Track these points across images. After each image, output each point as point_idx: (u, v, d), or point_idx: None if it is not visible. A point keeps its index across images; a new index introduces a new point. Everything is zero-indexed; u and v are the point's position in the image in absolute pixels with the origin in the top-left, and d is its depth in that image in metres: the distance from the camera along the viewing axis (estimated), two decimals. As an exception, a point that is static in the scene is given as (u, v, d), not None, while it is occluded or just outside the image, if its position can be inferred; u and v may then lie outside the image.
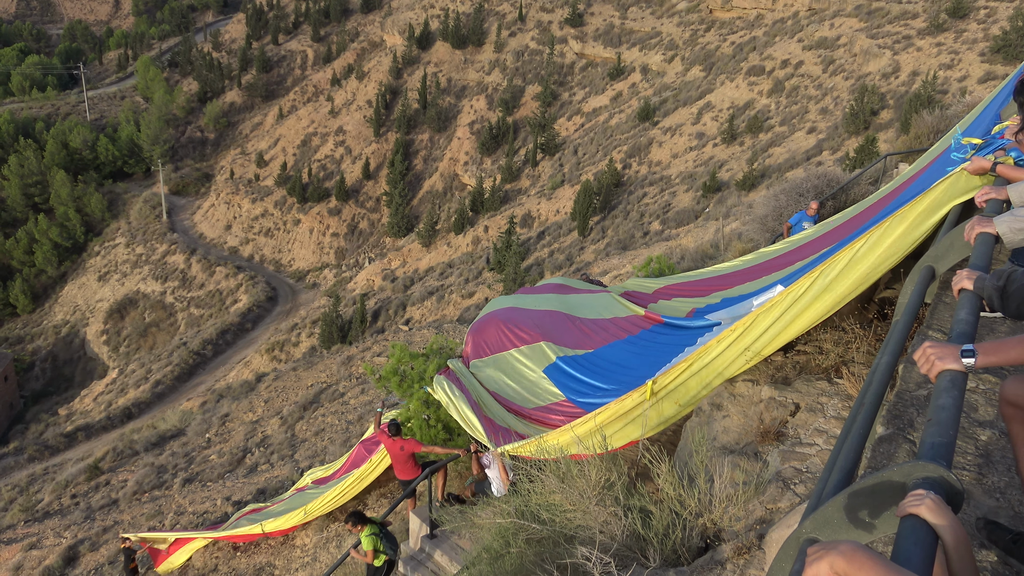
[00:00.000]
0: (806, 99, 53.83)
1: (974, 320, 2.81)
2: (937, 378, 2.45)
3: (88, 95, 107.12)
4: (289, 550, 15.70)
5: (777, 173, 44.62)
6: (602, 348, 9.66)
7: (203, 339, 57.39)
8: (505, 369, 10.54)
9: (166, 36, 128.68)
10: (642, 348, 9.24)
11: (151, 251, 77.59)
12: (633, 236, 47.74)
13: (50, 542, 23.37)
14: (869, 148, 35.29)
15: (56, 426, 49.49)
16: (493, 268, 52.61)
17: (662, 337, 9.25)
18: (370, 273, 67.50)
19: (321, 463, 21.22)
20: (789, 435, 6.13)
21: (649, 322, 9.61)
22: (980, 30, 48.68)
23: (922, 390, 3.86)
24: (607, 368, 9.40)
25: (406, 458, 12.32)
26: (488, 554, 6.21)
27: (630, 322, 9.78)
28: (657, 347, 9.10)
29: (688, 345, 8.53)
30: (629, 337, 9.48)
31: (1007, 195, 4.02)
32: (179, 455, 29.55)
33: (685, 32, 75.33)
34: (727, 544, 4.91)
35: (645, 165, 59.30)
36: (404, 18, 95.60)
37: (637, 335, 9.46)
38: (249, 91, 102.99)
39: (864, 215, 8.29)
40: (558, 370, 9.83)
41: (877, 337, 7.05)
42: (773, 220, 15.59)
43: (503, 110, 79.76)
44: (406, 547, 11.65)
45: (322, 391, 31.87)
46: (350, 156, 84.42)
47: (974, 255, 3.50)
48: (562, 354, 9.91)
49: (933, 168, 7.34)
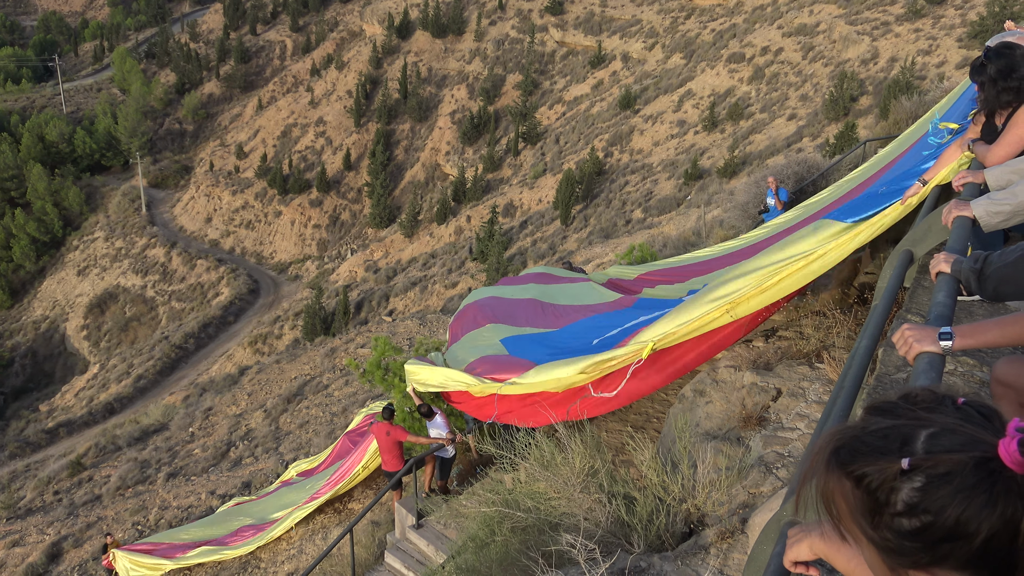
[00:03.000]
0: (786, 86, 54.05)
1: (951, 303, 2.84)
2: (915, 360, 2.47)
3: (64, 87, 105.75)
4: (275, 543, 15.68)
5: (758, 160, 44.81)
6: (569, 325, 9.64)
7: (185, 333, 57.01)
8: (470, 339, 10.51)
9: (142, 27, 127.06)
10: (613, 317, 9.22)
11: (131, 245, 76.89)
12: (615, 224, 47.84)
13: (33, 539, 23.21)
14: (849, 134, 35.52)
15: (37, 422, 49.05)
16: (476, 258, 52.57)
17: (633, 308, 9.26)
18: (352, 264, 67.26)
19: (306, 455, 21.17)
20: (771, 420, 6.18)
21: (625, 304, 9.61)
22: (957, 16, 49.00)
23: (901, 373, 3.89)
24: (570, 336, 9.32)
25: (392, 445, 12.35)
26: (474, 543, 6.22)
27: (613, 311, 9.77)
28: (630, 311, 9.09)
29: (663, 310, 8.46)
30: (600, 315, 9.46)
31: (984, 179, 4.05)
32: (162, 450, 29.39)
33: (665, 20, 75.33)
34: (711, 529, 4.95)
35: (627, 153, 59.38)
36: (383, 7, 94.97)
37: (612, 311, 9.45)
38: (228, 82, 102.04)
39: (840, 200, 8.36)
40: (516, 340, 9.74)
41: (857, 322, 7.11)
42: (754, 207, 15.66)
43: (484, 99, 79.52)
44: (392, 537, 11.66)
45: (306, 383, 31.78)
46: (331, 147, 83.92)
47: (951, 239, 3.53)
48: (524, 333, 9.85)
49: (911, 153, 7.39)
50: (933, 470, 1.03)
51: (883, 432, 1.09)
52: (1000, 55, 4.30)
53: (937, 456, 1.03)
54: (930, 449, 1.04)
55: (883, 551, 1.08)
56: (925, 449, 1.04)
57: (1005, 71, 4.28)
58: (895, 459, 1.05)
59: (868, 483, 1.08)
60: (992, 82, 4.35)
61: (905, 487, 1.04)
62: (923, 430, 1.06)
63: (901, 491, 1.04)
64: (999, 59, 4.30)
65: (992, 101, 4.42)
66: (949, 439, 1.04)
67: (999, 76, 4.30)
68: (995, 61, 4.30)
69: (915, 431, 1.07)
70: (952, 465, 1.02)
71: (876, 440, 1.09)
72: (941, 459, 1.03)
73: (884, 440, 1.08)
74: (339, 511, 15.75)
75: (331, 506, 15.81)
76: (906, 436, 1.07)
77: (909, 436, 1.06)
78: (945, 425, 1.06)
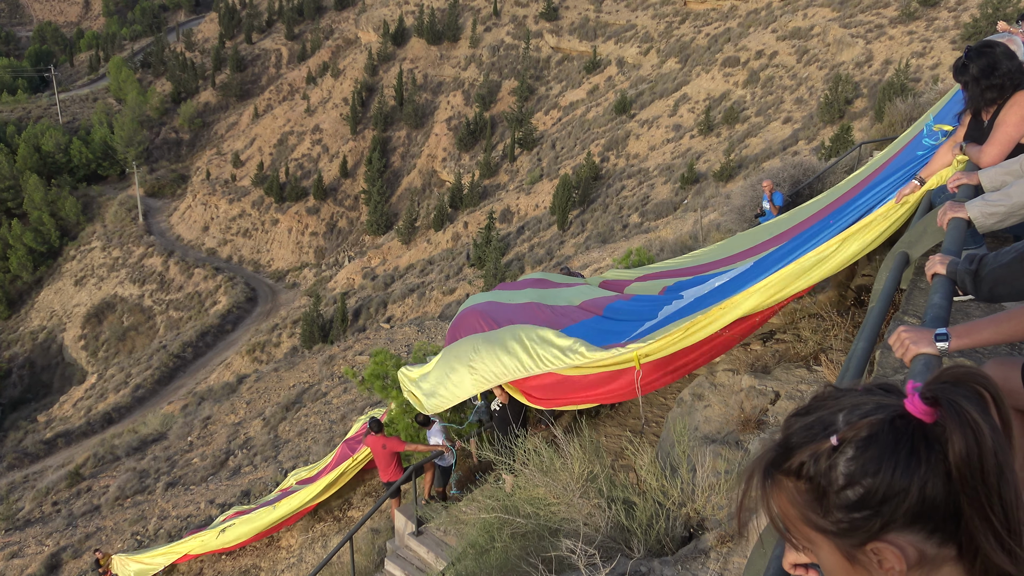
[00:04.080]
0: (781, 89, 54.16)
1: (947, 304, 2.84)
2: (912, 362, 2.47)
3: (60, 97, 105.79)
4: (275, 552, 15.64)
5: (754, 163, 44.88)
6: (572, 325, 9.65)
7: (183, 342, 56.93)
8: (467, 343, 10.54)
9: (138, 37, 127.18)
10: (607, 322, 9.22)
11: (128, 254, 76.81)
12: (612, 229, 47.87)
13: (32, 550, 23.15)
14: (844, 137, 35.58)
15: (35, 433, 48.94)
16: (473, 264, 52.57)
17: (627, 305, 9.25)
18: (350, 272, 67.22)
19: (305, 463, 21.13)
20: (770, 423, 6.18)
21: (617, 298, 9.62)
22: (951, 18, 49.16)
23: (898, 375, 3.90)
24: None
25: (389, 457, 12.30)
26: (474, 549, 6.22)
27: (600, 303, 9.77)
28: (624, 313, 9.09)
29: (652, 312, 8.46)
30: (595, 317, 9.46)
31: (978, 180, 4.06)
32: (161, 459, 29.33)
33: (660, 24, 75.50)
34: (710, 533, 4.94)
35: (623, 158, 59.45)
36: (378, 15, 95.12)
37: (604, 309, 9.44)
38: (223, 91, 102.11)
39: (837, 203, 8.38)
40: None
41: (854, 324, 7.11)
42: (751, 210, 15.69)
43: (480, 105, 79.61)
44: (392, 545, 11.64)
45: (304, 391, 31.74)
46: (327, 154, 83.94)
47: (946, 240, 3.54)
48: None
49: (904, 154, 7.42)
50: (858, 437, 1.13)
51: (806, 427, 1.19)
52: (981, 54, 4.41)
53: (857, 424, 1.14)
54: (849, 421, 1.15)
55: (838, 536, 1.16)
56: (846, 423, 1.15)
57: (987, 69, 4.39)
58: (824, 440, 1.15)
59: (807, 471, 1.16)
60: (975, 81, 4.46)
61: (840, 461, 1.13)
62: (839, 412, 1.17)
63: (838, 466, 1.13)
64: (980, 58, 4.41)
65: (976, 99, 4.53)
66: (862, 410, 1.15)
67: (981, 75, 4.41)
68: (976, 60, 4.42)
69: (833, 415, 1.17)
70: (871, 427, 1.13)
71: (802, 434, 1.19)
72: (860, 424, 1.13)
73: (809, 431, 1.18)
74: (339, 519, 15.72)
75: (331, 514, 15.78)
76: (827, 422, 1.17)
77: (829, 421, 1.17)
78: (856, 402, 1.17)
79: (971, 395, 1.15)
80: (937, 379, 1.18)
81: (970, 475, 1.09)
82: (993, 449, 1.11)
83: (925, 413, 1.12)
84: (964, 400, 1.14)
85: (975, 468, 1.09)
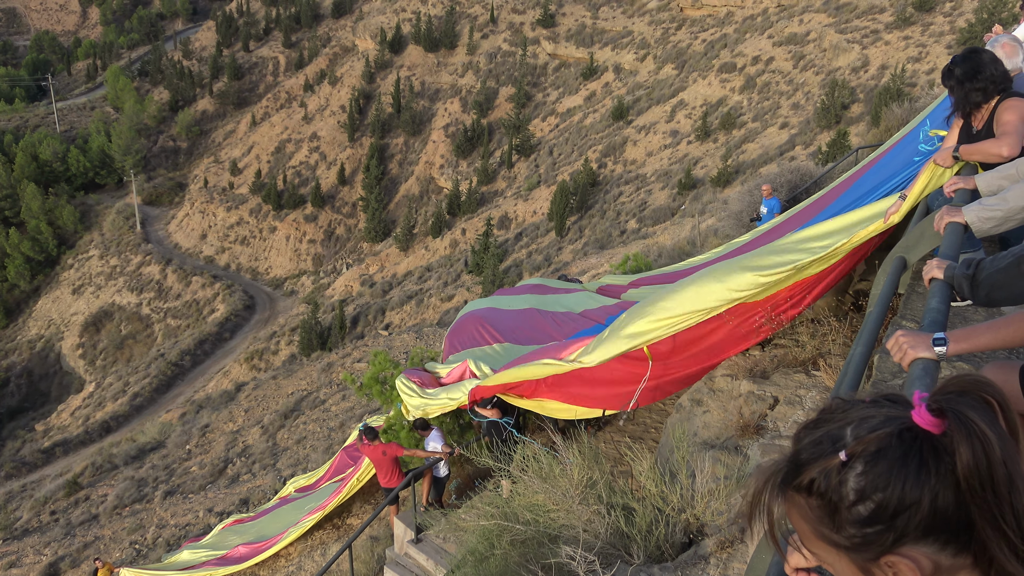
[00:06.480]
0: (778, 95, 54.28)
1: (945, 309, 2.85)
2: (910, 367, 2.48)
3: (57, 106, 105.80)
4: (273, 559, 15.60)
5: (751, 169, 44.95)
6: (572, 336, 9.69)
7: (181, 350, 56.84)
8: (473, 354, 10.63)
9: (135, 45, 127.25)
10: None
11: (126, 262, 76.74)
12: (610, 235, 47.90)
13: (30, 560, 23.07)
14: (841, 142, 35.67)
15: (33, 442, 48.83)
16: (471, 271, 52.57)
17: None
18: (348, 279, 67.18)
19: (304, 471, 21.09)
20: (768, 428, 6.18)
21: (619, 308, 9.65)
22: (946, 23, 49.33)
23: (897, 379, 3.91)
24: None
25: (389, 463, 12.27)
26: (473, 556, 6.20)
27: (602, 312, 9.81)
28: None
29: None
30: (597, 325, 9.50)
31: (975, 184, 4.08)
32: (159, 468, 29.27)
33: (656, 31, 75.68)
34: (710, 539, 4.94)
35: (620, 164, 59.52)
36: (376, 22, 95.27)
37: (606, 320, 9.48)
38: (221, 99, 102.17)
39: (825, 198, 8.47)
40: None
41: (852, 329, 7.12)
42: (748, 215, 15.71)
43: (477, 112, 79.70)
44: (391, 552, 11.61)
45: (303, 399, 31.70)
46: (325, 162, 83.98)
47: (944, 244, 3.55)
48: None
49: (894, 152, 7.45)
50: (867, 451, 1.12)
51: (814, 442, 1.19)
52: (966, 59, 4.58)
53: (865, 438, 1.13)
54: (857, 436, 1.14)
55: (852, 551, 1.15)
56: (854, 437, 1.14)
57: (971, 73, 4.54)
58: (833, 456, 1.15)
59: (818, 487, 1.16)
60: (960, 84, 4.61)
61: (850, 476, 1.12)
62: (847, 426, 1.16)
63: (848, 481, 1.13)
64: (964, 63, 4.57)
65: (962, 102, 4.68)
66: (870, 423, 1.15)
67: (965, 78, 4.57)
68: (961, 65, 4.58)
69: (841, 430, 1.16)
70: (880, 441, 1.12)
71: (811, 450, 1.18)
72: (869, 439, 1.13)
73: (818, 447, 1.17)
74: (337, 527, 15.68)
75: (330, 521, 15.73)
76: (835, 436, 1.16)
77: (837, 436, 1.16)
78: (863, 415, 1.17)
79: (978, 405, 1.15)
80: (943, 389, 1.17)
81: (979, 486, 1.09)
82: (1002, 459, 1.10)
83: (933, 424, 1.12)
84: (971, 410, 1.13)
85: (984, 478, 1.09)
